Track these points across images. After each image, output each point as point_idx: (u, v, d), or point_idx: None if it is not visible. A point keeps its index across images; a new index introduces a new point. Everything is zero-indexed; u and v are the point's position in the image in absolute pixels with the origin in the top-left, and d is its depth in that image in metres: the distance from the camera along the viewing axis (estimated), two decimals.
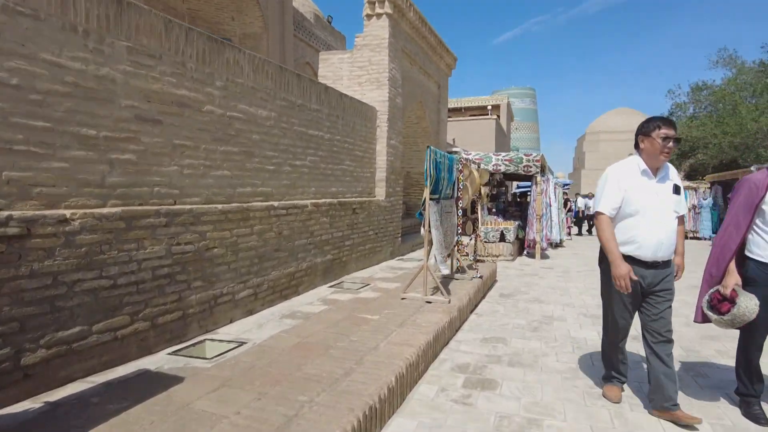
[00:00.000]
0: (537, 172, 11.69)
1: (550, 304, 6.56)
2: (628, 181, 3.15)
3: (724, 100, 22.97)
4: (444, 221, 5.86)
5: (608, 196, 3.18)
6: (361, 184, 7.80)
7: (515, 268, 10.11)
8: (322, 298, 5.55)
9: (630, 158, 3.25)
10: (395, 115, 8.67)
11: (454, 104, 33.77)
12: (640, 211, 3.11)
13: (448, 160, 6.02)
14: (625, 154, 27.50)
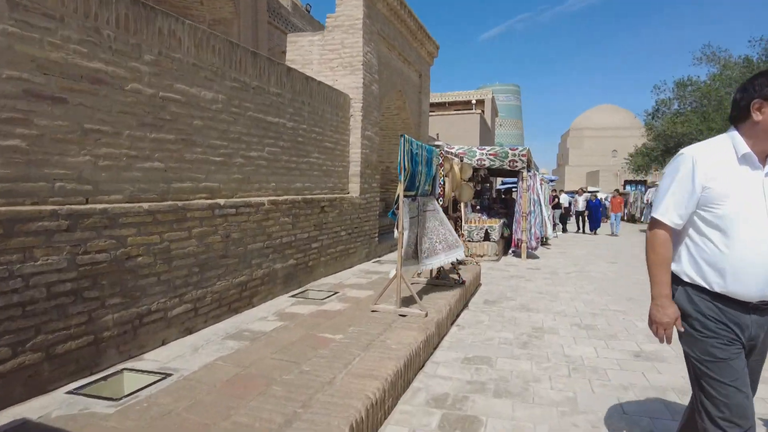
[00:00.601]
0: (523, 167, 11.05)
1: (539, 313, 5.90)
2: (717, 173, 1.93)
3: (709, 95, 22.68)
4: (422, 221, 5.14)
5: (676, 194, 1.99)
6: (332, 180, 7.04)
7: (500, 270, 9.46)
8: (279, 311, 4.79)
9: (719, 138, 2.04)
10: (371, 104, 7.92)
11: (438, 98, 33.14)
12: (736, 220, 1.90)
13: (426, 152, 5.30)
14: (609, 151, 27.54)
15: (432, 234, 5.31)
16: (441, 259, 5.29)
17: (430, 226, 5.35)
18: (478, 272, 7.33)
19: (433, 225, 5.38)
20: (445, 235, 5.44)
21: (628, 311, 6.05)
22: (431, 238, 5.27)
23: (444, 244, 5.35)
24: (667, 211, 2.01)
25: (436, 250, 5.30)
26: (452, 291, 5.63)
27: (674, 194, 2.01)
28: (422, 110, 11.38)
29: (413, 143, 4.75)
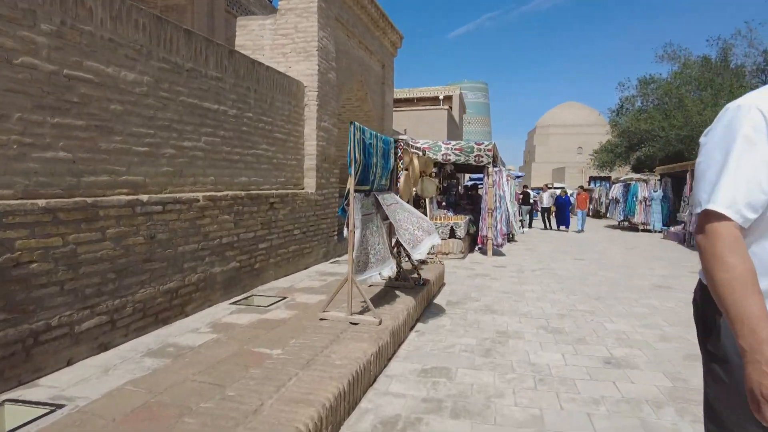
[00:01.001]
0: (489, 162, 10.76)
1: (504, 315, 5.55)
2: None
3: (671, 93, 23.08)
4: (376, 220, 4.69)
5: (744, 169, 1.23)
6: (284, 174, 6.51)
7: (466, 268, 9.13)
8: (214, 321, 4.26)
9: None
10: (328, 93, 7.41)
11: (406, 94, 32.79)
12: None
13: (382, 143, 4.85)
14: (574, 148, 27.68)
15: (407, 224, 4.84)
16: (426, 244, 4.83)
17: (402, 218, 4.90)
18: (441, 271, 6.94)
19: (404, 216, 4.92)
20: (420, 222, 4.99)
21: (596, 311, 5.77)
22: (408, 228, 4.81)
23: (422, 231, 4.89)
24: (734, 199, 1.21)
25: (418, 237, 4.83)
26: (412, 293, 5.20)
27: (740, 170, 1.22)
28: (386, 102, 10.93)
29: (366, 132, 4.28)
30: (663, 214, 16.91)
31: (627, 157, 28.31)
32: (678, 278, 8.10)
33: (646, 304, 6.19)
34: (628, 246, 13.21)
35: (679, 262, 9.99)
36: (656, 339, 4.69)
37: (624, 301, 6.32)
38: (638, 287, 7.30)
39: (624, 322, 5.29)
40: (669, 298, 6.55)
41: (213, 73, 5.02)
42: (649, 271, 8.90)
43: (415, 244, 4.72)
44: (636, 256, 11.09)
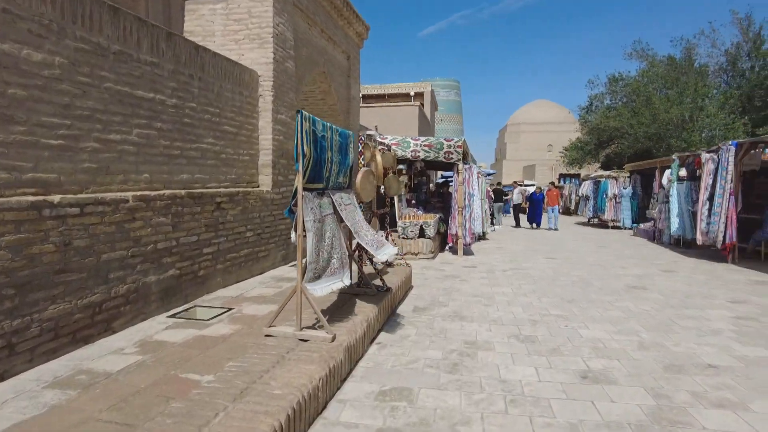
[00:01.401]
0: (459, 159, 10.40)
1: (473, 322, 5.17)
2: None
3: (639, 91, 23.31)
4: (333, 222, 4.21)
5: None
6: (234, 170, 5.96)
7: (435, 269, 8.75)
8: (144, 339, 3.72)
9: None
10: (285, 83, 6.89)
11: (377, 90, 32.38)
12: None
13: (339, 137, 4.38)
14: (544, 145, 27.72)
15: (361, 231, 4.39)
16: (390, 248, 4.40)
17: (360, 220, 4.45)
18: (408, 274, 6.53)
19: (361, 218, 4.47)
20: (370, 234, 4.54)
21: (570, 316, 5.45)
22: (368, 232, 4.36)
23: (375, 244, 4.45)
24: None
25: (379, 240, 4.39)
26: (374, 301, 4.76)
27: None
28: (351, 96, 10.44)
29: (317, 123, 3.81)
30: (632, 211, 16.96)
31: (596, 155, 28.57)
32: (651, 278, 7.91)
33: (621, 306, 5.91)
34: (600, 244, 13.10)
35: (651, 260, 9.86)
36: (634, 347, 4.37)
37: (598, 304, 6.03)
38: (612, 288, 7.05)
39: (599, 328, 4.98)
40: (644, 299, 6.30)
41: (147, 58, 4.45)
42: (621, 270, 8.70)
43: (379, 246, 4.28)
44: (608, 254, 10.94)
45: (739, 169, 9.54)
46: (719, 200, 9.46)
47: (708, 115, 20.80)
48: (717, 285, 7.29)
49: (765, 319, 5.39)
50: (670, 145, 21.08)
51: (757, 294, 6.71)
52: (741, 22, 23.90)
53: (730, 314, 5.57)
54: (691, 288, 7.06)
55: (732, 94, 22.28)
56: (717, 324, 5.15)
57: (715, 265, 9.19)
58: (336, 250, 4.11)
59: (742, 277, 7.95)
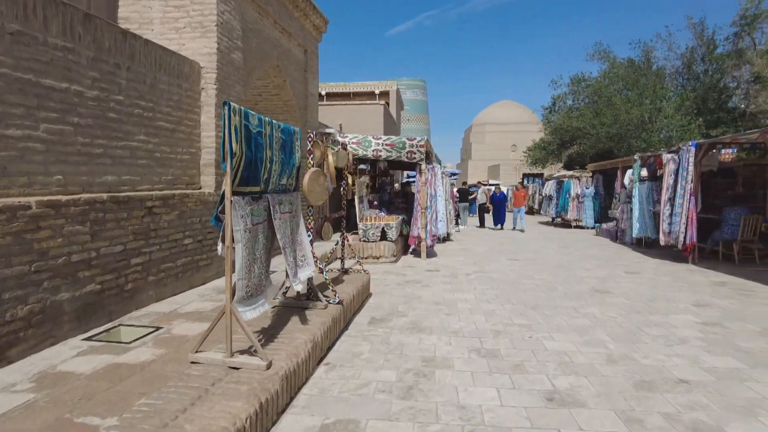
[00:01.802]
0: (422, 158, 10.06)
1: (432, 334, 4.80)
2: None
3: (601, 91, 23.64)
4: (263, 231, 3.76)
5: None
6: (171, 171, 5.40)
7: (397, 273, 8.37)
8: (44, 370, 3.17)
9: None
10: (231, 76, 6.35)
11: (341, 88, 31.82)
12: None
13: (281, 133, 3.92)
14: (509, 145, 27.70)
15: (289, 247, 3.95)
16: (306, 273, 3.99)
17: (294, 231, 4.00)
18: (365, 282, 6.11)
19: (297, 229, 4.03)
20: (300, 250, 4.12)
21: (534, 325, 5.16)
22: (295, 247, 3.92)
23: (293, 260, 4.02)
24: None
25: (299, 260, 3.97)
26: (324, 316, 4.32)
27: None
28: (309, 92, 9.94)
29: (251, 117, 3.34)
30: (595, 210, 17.08)
31: (559, 155, 28.93)
32: (615, 280, 7.76)
33: (586, 313, 5.67)
34: (563, 244, 13.04)
35: (614, 261, 9.78)
36: (602, 361, 4.09)
37: (563, 311, 5.78)
38: (576, 292, 6.83)
39: (565, 339, 4.69)
40: (609, 305, 6.10)
41: (58, 42, 3.87)
42: (585, 272, 8.55)
43: (297, 270, 3.87)
44: (571, 255, 10.83)
45: (699, 169, 9.57)
46: (680, 200, 9.46)
47: (666, 116, 21.27)
48: (680, 287, 7.19)
49: (729, 324, 5.25)
50: (631, 146, 21.44)
51: (719, 296, 6.62)
52: (695, 27, 24.58)
53: (696, 319, 5.41)
54: (655, 291, 6.92)
55: (688, 96, 22.88)
56: (684, 331, 4.96)
57: (677, 266, 9.17)
58: (265, 264, 3.66)
59: (703, 279, 7.91)
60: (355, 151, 10.01)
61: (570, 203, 17.78)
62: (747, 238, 9.54)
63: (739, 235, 9.46)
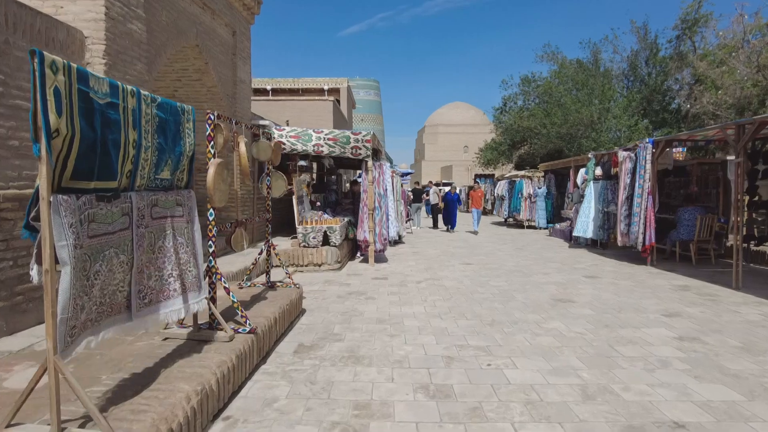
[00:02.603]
0: (368, 155, 9.17)
1: (371, 366, 3.89)
2: None
3: (551, 91, 23.62)
4: (119, 246, 2.73)
5: None
6: (36, 164, 4.21)
7: (339, 283, 7.43)
8: None
9: None
10: (128, 50, 5.20)
11: (290, 84, 30.51)
12: None
13: (157, 109, 2.89)
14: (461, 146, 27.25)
15: (165, 261, 2.93)
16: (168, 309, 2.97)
17: (166, 246, 2.98)
18: (295, 299, 5.11)
19: (170, 245, 3.01)
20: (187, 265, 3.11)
21: (493, 348, 4.35)
22: (161, 268, 2.90)
23: (179, 283, 3.02)
24: None
25: (167, 290, 2.95)
26: (224, 352, 3.31)
27: None
28: (239, 78, 8.79)
29: (96, 81, 2.30)
30: (547, 211, 16.77)
31: (510, 155, 28.88)
32: (576, 286, 7.14)
33: (550, 329, 4.94)
34: (517, 246, 12.51)
35: (571, 265, 9.24)
36: (577, 397, 3.31)
37: (524, 327, 5.02)
38: (537, 302, 6.13)
39: (530, 366, 3.90)
40: (574, 317, 5.40)
41: None
42: (543, 277, 7.91)
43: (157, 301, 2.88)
44: (526, 257, 10.24)
45: (656, 168, 9.20)
46: (638, 200, 9.03)
47: (614, 117, 21.42)
48: (644, 293, 6.64)
49: (706, 338, 4.64)
50: (581, 145, 21.45)
51: (685, 302, 6.10)
52: (639, 30, 25.07)
53: (670, 333, 4.78)
54: (619, 298, 6.32)
55: (634, 98, 23.22)
56: (662, 350, 4.29)
57: (636, 268, 8.72)
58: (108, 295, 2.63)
59: (664, 282, 7.43)
60: (293, 146, 8.99)
61: (522, 203, 17.41)
62: (703, 238, 9.24)
63: (695, 236, 9.15)
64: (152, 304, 2.95)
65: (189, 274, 3.15)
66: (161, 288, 3.05)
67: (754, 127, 6.62)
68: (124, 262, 2.64)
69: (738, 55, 15.87)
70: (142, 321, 2.85)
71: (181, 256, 3.07)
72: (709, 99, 16.55)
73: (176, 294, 3.15)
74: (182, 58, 7.38)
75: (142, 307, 2.85)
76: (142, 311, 2.85)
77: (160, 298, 3.01)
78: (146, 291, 2.88)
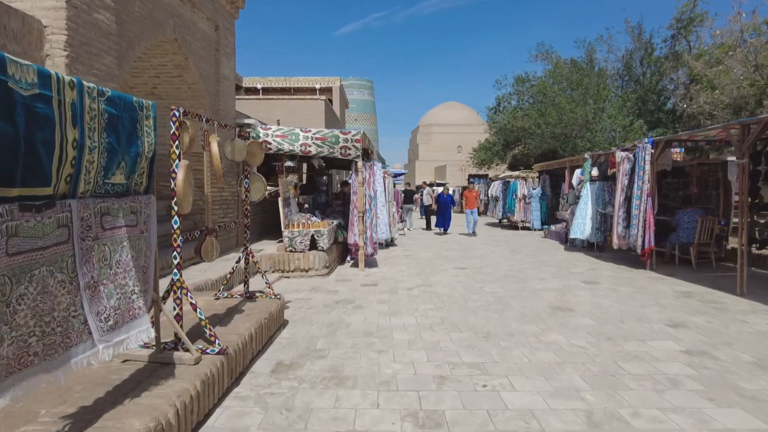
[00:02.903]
0: (357, 155, 8.81)
1: (355, 389, 3.53)
2: None
3: (545, 90, 23.36)
4: (50, 266, 2.36)
5: None
6: None
7: (327, 290, 7.06)
8: None
9: None
10: (94, 42, 4.82)
11: (282, 83, 30.10)
12: None
13: (105, 104, 2.52)
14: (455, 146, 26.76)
15: (120, 277, 2.57)
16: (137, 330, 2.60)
17: (121, 260, 2.61)
18: (275, 311, 4.74)
19: (124, 258, 2.64)
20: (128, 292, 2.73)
21: (488, 365, 4.01)
22: (116, 287, 2.53)
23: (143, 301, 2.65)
24: None
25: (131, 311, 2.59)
26: (187, 378, 2.94)
27: None
28: (223, 75, 8.40)
29: (17, 68, 1.93)
30: (541, 212, 16.49)
31: (503, 155, 28.62)
32: (574, 292, 6.82)
33: (550, 343, 4.60)
34: (511, 248, 12.19)
35: (568, 269, 8.93)
36: (582, 425, 2.97)
37: (521, 339, 4.69)
38: (534, 311, 5.80)
39: (529, 387, 3.56)
40: (574, 328, 5.07)
41: None
42: (540, 282, 7.59)
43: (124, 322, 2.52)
44: (522, 261, 9.92)
45: (655, 168, 8.91)
46: (637, 202, 8.73)
47: (609, 117, 21.19)
48: (646, 301, 6.33)
49: (716, 352, 4.33)
50: (576, 145, 21.20)
51: (690, 310, 5.79)
52: (633, 30, 24.87)
53: (678, 347, 4.46)
54: (620, 306, 6.01)
55: (629, 98, 23.01)
56: (670, 367, 3.97)
57: (635, 273, 8.42)
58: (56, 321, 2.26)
59: (666, 288, 7.13)
60: (279, 146, 8.61)
61: (516, 204, 17.11)
62: (703, 241, 8.96)
63: (696, 239, 8.87)
64: (119, 327, 2.59)
65: (128, 304, 2.77)
66: (127, 307, 2.70)
67: (760, 127, 6.33)
68: (66, 282, 2.27)
69: (735, 54, 15.66)
70: (108, 347, 2.49)
71: (120, 281, 2.70)
72: (706, 99, 16.34)
73: (142, 312, 2.80)
74: (160, 53, 6.98)
75: (106, 330, 2.49)
76: (107, 335, 2.49)
77: (126, 318, 2.65)
78: (108, 312, 2.52)
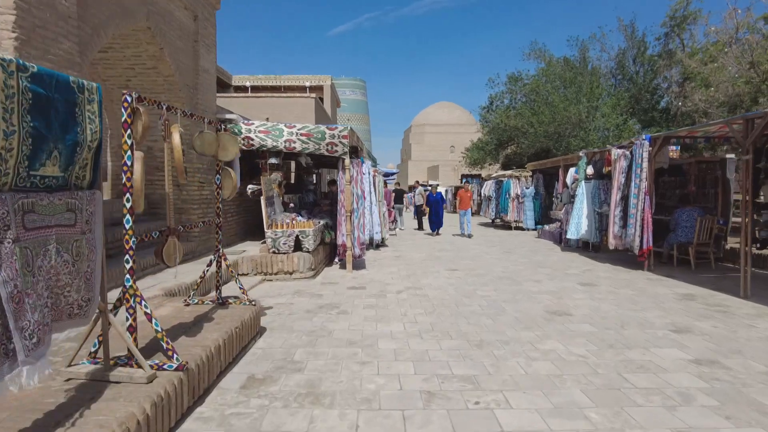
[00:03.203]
0: (345, 152, 8.44)
1: (333, 408, 3.16)
2: None
3: (538, 89, 23.11)
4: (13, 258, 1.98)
5: None
6: None
7: (311, 294, 6.69)
8: None
9: None
10: (50, 25, 4.41)
11: (272, 81, 29.68)
12: None
13: (30, 81, 2.15)
14: (447, 146, 26.47)
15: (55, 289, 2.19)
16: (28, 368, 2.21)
17: (55, 265, 2.23)
18: (249, 319, 4.35)
19: (61, 261, 2.26)
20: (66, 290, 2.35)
21: (481, 378, 3.66)
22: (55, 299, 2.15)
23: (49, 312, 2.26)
24: None
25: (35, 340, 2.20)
26: (135, 401, 2.56)
27: None
28: (202, 67, 7.98)
29: None
30: (535, 211, 16.20)
31: (496, 155, 28.37)
32: (571, 295, 6.50)
33: (548, 352, 4.26)
34: (505, 248, 11.87)
35: (563, 270, 8.61)
36: None
37: (517, 348, 4.34)
38: (529, 315, 5.46)
39: (526, 404, 3.21)
40: (573, 335, 4.74)
41: None
42: (535, 285, 7.26)
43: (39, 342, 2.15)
44: (516, 262, 9.59)
45: (653, 166, 8.62)
46: (634, 201, 8.44)
47: (603, 115, 20.97)
48: (646, 304, 6.02)
49: (727, 361, 4.01)
50: (569, 144, 20.96)
51: (693, 314, 5.48)
52: (626, 29, 24.69)
53: (685, 356, 4.14)
54: (620, 310, 5.69)
55: (622, 96, 22.81)
56: (679, 378, 3.64)
57: (633, 274, 8.12)
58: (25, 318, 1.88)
59: (666, 290, 6.82)
60: (262, 142, 8.22)
61: (510, 204, 16.81)
62: (702, 241, 8.68)
63: (695, 238, 8.59)
64: (42, 344, 2.21)
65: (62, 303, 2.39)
66: (58, 319, 2.32)
67: (764, 121, 6.04)
68: None
69: (730, 52, 15.46)
70: (34, 368, 2.11)
71: (59, 282, 2.31)
72: (701, 96, 16.12)
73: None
74: (134, 43, 6.57)
75: (32, 349, 2.11)
76: (33, 354, 2.11)
77: (47, 332, 2.26)
78: (33, 327, 2.14)
